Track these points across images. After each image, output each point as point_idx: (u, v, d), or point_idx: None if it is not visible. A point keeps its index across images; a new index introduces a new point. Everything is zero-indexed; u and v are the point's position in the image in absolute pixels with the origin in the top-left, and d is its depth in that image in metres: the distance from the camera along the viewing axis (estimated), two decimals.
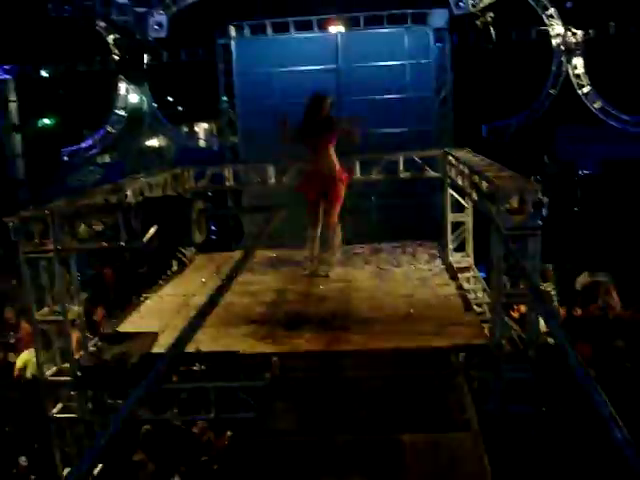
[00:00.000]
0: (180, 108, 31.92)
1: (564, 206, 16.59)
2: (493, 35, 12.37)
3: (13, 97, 21.68)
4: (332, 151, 8.24)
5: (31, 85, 22.08)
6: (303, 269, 8.69)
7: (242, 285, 8.24)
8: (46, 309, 6.22)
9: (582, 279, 11.00)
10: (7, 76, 21.29)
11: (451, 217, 9.31)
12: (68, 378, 6.22)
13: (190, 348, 6.20)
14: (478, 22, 12.19)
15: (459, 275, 8.41)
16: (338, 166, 8.28)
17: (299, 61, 14.61)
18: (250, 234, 13.36)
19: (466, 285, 8.28)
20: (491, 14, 12.30)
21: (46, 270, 6.11)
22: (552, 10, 17.93)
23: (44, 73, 23.22)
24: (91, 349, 6.64)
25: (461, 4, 12.14)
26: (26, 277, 6.13)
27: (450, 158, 8.92)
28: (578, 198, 18.26)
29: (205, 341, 6.43)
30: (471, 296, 7.82)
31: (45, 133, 24.16)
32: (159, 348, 6.35)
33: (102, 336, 7.00)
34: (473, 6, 12.01)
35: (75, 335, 6.46)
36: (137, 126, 26.59)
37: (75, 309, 6.36)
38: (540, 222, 5.62)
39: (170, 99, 30.27)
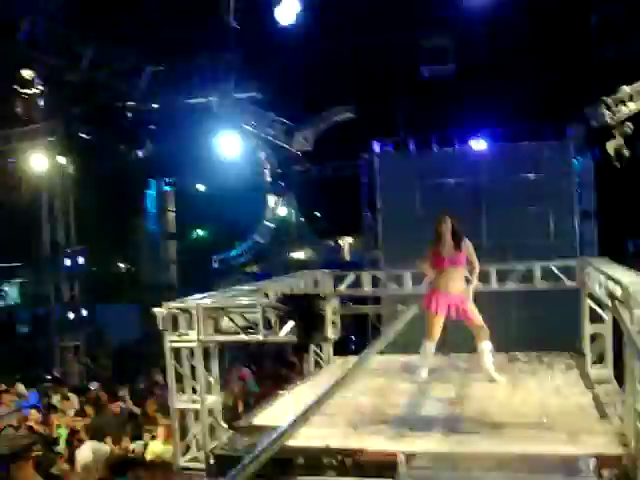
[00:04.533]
0: (326, 222, 32.92)
1: None
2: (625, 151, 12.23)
3: (172, 207, 23.20)
4: (460, 272, 8.63)
5: (188, 197, 23.58)
6: (418, 378, 8.77)
7: (373, 388, 8.45)
8: (185, 397, 6.59)
9: None
10: (167, 188, 22.88)
11: (590, 328, 9.09)
12: (201, 465, 6.49)
13: (320, 444, 6.39)
14: (617, 134, 12.12)
15: (597, 387, 8.18)
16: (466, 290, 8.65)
17: (440, 175, 14.97)
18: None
19: (604, 398, 8.02)
20: (630, 125, 12.20)
21: (188, 359, 6.52)
22: None
23: (200, 187, 24.80)
24: (225, 440, 6.89)
25: (598, 117, 12.14)
26: (169, 365, 6.55)
27: (587, 268, 8.83)
28: None
29: (335, 438, 6.58)
30: (609, 408, 7.57)
31: (198, 241, 25.56)
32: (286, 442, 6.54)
33: (237, 428, 7.26)
34: (611, 118, 11.98)
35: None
36: (284, 238, 27.66)
37: (213, 398, 6.68)
38: None
39: (317, 213, 31.31)
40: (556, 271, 9.54)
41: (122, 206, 22.07)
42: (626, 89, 12.22)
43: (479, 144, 15.28)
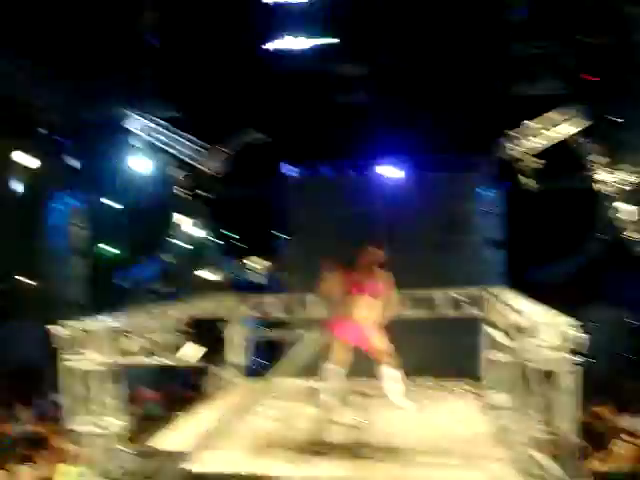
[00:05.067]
0: (238, 243, 32.69)
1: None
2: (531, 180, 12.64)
3: (80, 222, 22.57)
4: (368, 301, 8.66)
5: (98, 213, 23.05)
6: (322, 403, 8.75)
7: (278, 412, 8.50)
8: (84, 419, 6.41)
9: None
10: (77, 203, 22.31)
11: (489, 355, 9.30)
12: None
13: (223, 469, 6.36)
14: (523, 167, 12.53)
15: (497, 413, 8.37)
16: (374, 319, 8.68)
17: (352, 202, 15.06)
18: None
19: (502, 424, 8.21)
20: (537, 160, 12.63)
21: (89, 381, 6.35)
22: (593, 157, 18.08)
23: (111, 203, 24.26)
24: (126, 463, 6.75)
25: (506, 150, 12.54)
26: (66, 387, 6.36)
27: (489, 296, 9.06)
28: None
29: (238, 462, 6.56)
30: (507, 435, 7.76)
31: (107, 259, 25.01)
32: (189, 467, 6.48)
33: (138, 452, 7.11)
34: (518, 152, 12.36)
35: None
36: (196, 258, 27.32)
37: (113, 421, 6.54)
38: (577, 359, 5.65)
39: (228, 234, 31.09)
40: (459, 299, 9.78)
41: (29, 221, 21.42)
42: (530, 124, 12.65)
43: (392, 172, 15.51)
